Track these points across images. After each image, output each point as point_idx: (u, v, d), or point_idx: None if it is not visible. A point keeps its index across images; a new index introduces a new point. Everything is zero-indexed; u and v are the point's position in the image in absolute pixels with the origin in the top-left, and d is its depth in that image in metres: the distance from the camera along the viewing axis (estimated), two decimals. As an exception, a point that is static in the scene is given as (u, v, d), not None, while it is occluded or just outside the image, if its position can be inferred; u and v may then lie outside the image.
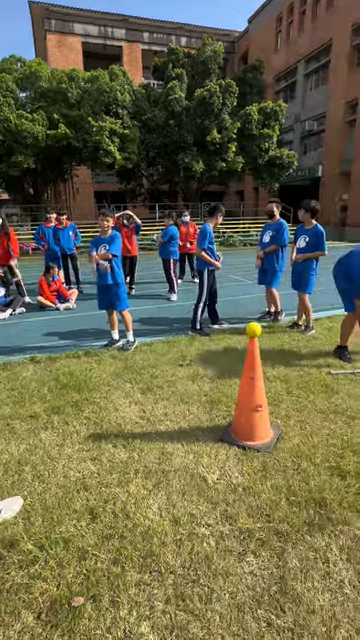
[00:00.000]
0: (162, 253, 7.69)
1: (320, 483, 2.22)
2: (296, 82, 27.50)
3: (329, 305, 6.47)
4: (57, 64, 26.04)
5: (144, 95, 20.58)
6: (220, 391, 3.42)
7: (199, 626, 1.47)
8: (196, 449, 2.58)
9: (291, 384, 3.52)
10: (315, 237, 4.87)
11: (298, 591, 1.60)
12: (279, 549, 1.80)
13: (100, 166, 19.36)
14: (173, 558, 1.76)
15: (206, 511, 2.04)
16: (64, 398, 3.33)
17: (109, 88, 17.96)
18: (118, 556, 1.77)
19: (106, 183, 29.69)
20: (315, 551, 1.79)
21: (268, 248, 5.43)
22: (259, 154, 20.51)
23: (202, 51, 21.09)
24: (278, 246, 5.40)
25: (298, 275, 5.13)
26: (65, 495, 2.17)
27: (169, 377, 3.74)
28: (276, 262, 5.49)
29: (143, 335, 5.15)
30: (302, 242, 5.00)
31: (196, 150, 19.60)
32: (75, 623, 1.48)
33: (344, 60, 22.61)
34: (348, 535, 1.87)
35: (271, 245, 5.42)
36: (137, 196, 26.23)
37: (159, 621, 1.49)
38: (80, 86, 18.31)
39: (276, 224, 5.47)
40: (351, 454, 2.48)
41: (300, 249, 5.04)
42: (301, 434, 2.74)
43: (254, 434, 2.63)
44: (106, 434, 2.79)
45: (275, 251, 5.43)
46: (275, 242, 5.39)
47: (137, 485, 2.25)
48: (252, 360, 2.62)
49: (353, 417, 2.95)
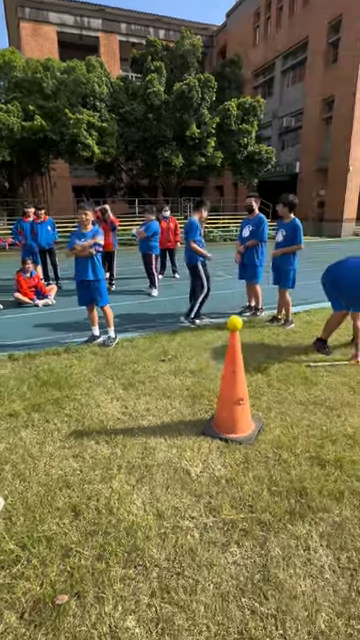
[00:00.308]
0: (143, 248, 7.61)
1: (300, 473, 2.27)
2: (274, 78, 27.69)
3: (307, 299, 6.59)
4: (32, 53, 25.29)
5: (122, 88, 20.27)
6: (202, 385, 3.44)
7: (184, 617, 1.48)
8: (179, 443, 2.59)
9: (272, 377, 3.58)
10: (292, 231, 4.93)
11: (280, 578, 1.63)
12: (262, 538, 1.84)
13: (78, 160, 18.99)
14: (158, 552, 1.77)
15: (190, 504, 2.05)
16: (44, 395, 3.28)
17: (86, 79, 17.59)
18: (102, 552, 1.76)
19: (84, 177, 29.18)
20: (296, 539, 1.83)
21: (248, 242, 5.47)
22: (238, 149, 20.59)
23: (181, 44, 20.94)
24: (258, 241, 5.45)
25: (277, 270, 5.19)
26: (47, 493, 2.14)
27: (151, 372, 3.74)
28: (256, 257, 5.54)
29: (124, 331, 5.11)
30: (280, 236, 5.07)
31: (175, 145, 19.51)
32: (59, 621, 1.47)
33: (320, 57, 22.91)
34: (328, 522, 1.92)
35: (251, 240, 5.46)
36: (116, 191, 25.92)
37: (144, 615, 1.50)
38: (56, 76, 17.85)
39: (255, 219, 5.51)
40: (330, 444, 2.55)
41: (278, 243, 5.10)
42: (282, 425, 2.79)
43: (236, 427, 2.66)
44: (88, 431, 2.76)
45: (255, 246, 5.48)
46: (255, 237, 5.44)
47: (120, 481, 2.24)
48: (233, 353, 2.64)
49: (332, 408, 3.02)
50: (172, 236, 9.15)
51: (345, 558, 1.73)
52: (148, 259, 7.52)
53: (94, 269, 4.44)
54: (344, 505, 2.02)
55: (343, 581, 1.62)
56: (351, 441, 2.57)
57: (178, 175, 21.91)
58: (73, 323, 5.65)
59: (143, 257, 7.66)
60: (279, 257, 5.07)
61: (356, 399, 3.15)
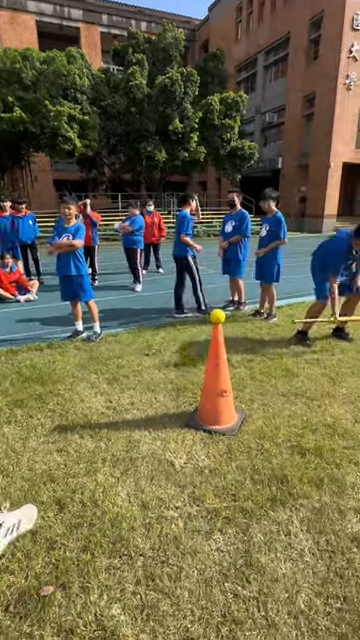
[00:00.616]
0: (126, 243, 7.52)
1: (282, 461, 2.33)
2: (256, 73, 27.78)
3: (291, 293, 6.70)
4: (10, 43, 24.63)
5: (104, 80, 19.98)
6: (186, 378, 3.47)
7: (169, 603, 1.51)
8: (163, 435, 2.62)
9: (254, 369, 3.64)
10: (276, 225, 5.00)
11: (262, 562, 1.68)
12: (244, 525, 1.88)
13: (59, 153, 18.66)
14: (142, 541, 1.79)
15: (174, 494, 2.08)
16: (27, 391, 3.25)
17: (67, 71, 17.24)
18: (87, 543, 1.78)
19: (66, 171, 28.72)
20: (278, 524, 1.88)
21: (231, 238, 5.51)
22: (221, 144, 20.61)
23: (163, 37, 20.76)
24: (241, 236, 5.50)
25: (261, 266, 5.25)
26: (31, 488, 2.14)
27: (135, 367, 3.74)
28: (239, 252, 5.59)
29: (108, 326, 5.10)
30: (263, 231, 5.13)
31: (158, 139, 19.37)
32: (45, 612, 1.47)
33: (301, 53, 23.08)
34: (308, 508, 1.98)
35: (234, 235, 5.50)
36: (99, 185, 25.62)
37: (130, 602, 1.52)
38: (35, 67, 17.44)
39: (238, 214, 5.55)
40: (310, 433, 2.62)
41: (262, 238, 5.16)
42: (264, 416, 2.85)
43: (219, 418, 2.70)
44: (72, 425, 2.76)
45: (238, 241, 5.53)
46: (238, 232, 5.48)
47: (105, 474, 2.25)
48: (217, 346, 2.67)
49: (312, 398, 3.10)
50: (156, 231, 9.12)
51: (324, 541, 1.79)
52: (132, 254, 7.47)
53: (76, 264, 4.40)
54: (323, 491, 2.09)
55: (322, 563, 1.68)
56: (331, 430, 2.65)
57: (161, 170, 21.81)
58: (56, 319, 5.59)
59: (127, 252, 7.58)
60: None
61: (336, 390, 3.23)
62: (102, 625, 1.43)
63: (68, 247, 4.31)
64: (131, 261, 7.55)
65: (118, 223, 7.60)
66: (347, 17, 19.78)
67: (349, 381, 3.39)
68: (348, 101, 21.19)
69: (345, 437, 2.57)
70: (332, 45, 20.68)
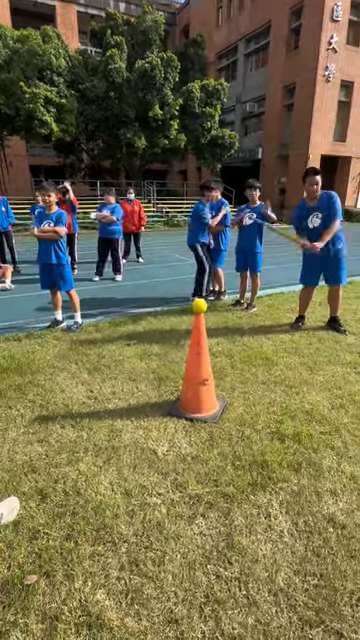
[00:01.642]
0: (104, 232, 7.28)
1: (262, 447, 2.39)
2: (237, 61, 27.53)
3: (270, 284, 6.78)
4: (-19, 19, 23.43)
5: (81, 62, 19.33)
6: (168, 368, 3.48)
7: (153, 587, 1.54)
8: (145, 424, 2.63)
9: (235, 358, 3.69)
10: (261, 214, 5.11)
11: (243, 544, 1.73)
12: (226, 509, 1.93)
13: (35, 137, 18.04)
14: (126, 528, 1.81)
15: (157, 481, 2.11)
16: (5, 382, 3.19)
17: (42, 51, 16.58)
18: (71, 532, 1.78)
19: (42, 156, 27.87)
20: (258, 508, 1.94)
21: (217, 227, 5.51)
22: (201, 133, 20.42)
23: (142, 19, 20.22)
24: (223, 226, 5.52)
25: (245, 255, 5.27)
26: (12, 479, 2.11)
27: (116, 356, 3.73)
28: (221, 242, 5.61)
29: (89, 316, 5.04)
30: (247, 220, 5.17)
31: (138, 125, 19.01)
32: (29, 600, 1.48)
33: (282, 43, 23.00)
34: (287, 491, 2.05)
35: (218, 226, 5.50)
36: (77, 172, 25.00)
37: (114, 587, 1.54)
38: (9, 45, 16.67)
39: (218, 204, 5.55)
40: (289, 419, 2.69)
41: (249, 227, 5.18)
42: (244, 404, 2.90)
43: (201, 407, 2.73)
44: (53, 416, 2.73)
45: (220, 231, 5.55)
46: (221, 222, 5.49)
47: (87, 463, 2.25)
48: (198, 336, 2.69)
49: (291, 386, 3.17)
50: (136, 220, 8.99)
51: (302, 522, 1.86)
52: (112, 244, 7.33)
53: (57, 253, 4.31)
54: (301, 475, 2.16)
55: (300, 543, 1.75)
56: (308, 416, 2.73)
57: (141, 157, 21.47)
58: (34, 308, 5.48)
59: (104, 241, 7.36)
60: (248, 242, 5.19)
61: (313, 378, 3.32)
62: (87, 610, 1.45)
63: (51, 234, 4.21)
64: (113, 251, 7.39)
65: (95, 213, 7.38)
66: (327, 7, 19.79)
67: (326, 369, 3.48)
68: (327, 93, 21.35)
69: (322, 423, 2.65)
70: (312, 36, 20.68)
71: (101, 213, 7.15)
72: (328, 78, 21.00)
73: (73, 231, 7.70)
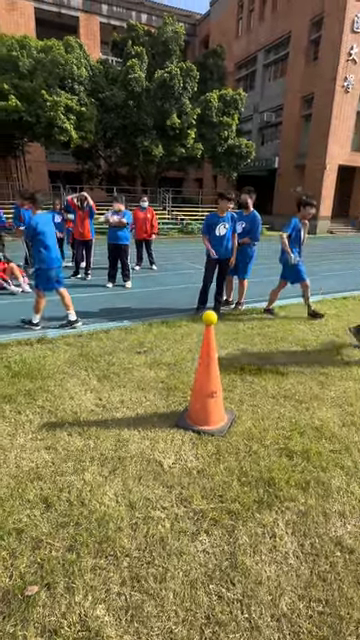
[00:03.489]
0: (113, 239, 7.23)
1: (269, 464, 2.35)
2: (256, 71, 27.70)
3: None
4: (7, 29, 24.12)
5: (102, 72, 19.74)
6: (177, 378, 3.47)
7: (153, 604, 1.52)
8: (152, 435, 2.62)
9: (245, 370, 3.65)
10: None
11: (247, 565, 1.70)
12: (230, 527, 1.90)
13: (55, 144, 18.43)
14: (129, 542, 1.79)
15: (161, 495, 2.09)
16: (16, 387, 3.22)
17: (64, 60, 16.99)
18: (73, 543, 1.77)
19: (61, 162, 28.37)
20: (263, 527, 1.90)
21: (242, 240, 5.52)
22: (218, 142, 20.55)
23: (163, 30, 20.54)
24: (251, 239, 5.60)
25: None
26: (18, 485, 2.12)
27: (126, 364, 3.73)
28: (247, 254, 5.66)
29: (100, 322, 5.07)
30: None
31: (155, 134, 19.24)
32: (29, 612, 1.47)
33: (301, 54, 23.07)
34: (293, 511, 2.01)
35: (245, 237, 5.55)
36: (94, 177, 25.38)
37: (114, 603, 1.52)
38: (32, 55, 17.14)
39: (250, 216, 5.57)
40: (298, 435, 2.64)
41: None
42: (253, 418, 2.87)
43: (209, 419, 2.71)
44: (61, 422, 2.74)
45: (247, 244, 5.57)
46: (249, 234, 5.57)
47: (93, 472, 2.25)
48: (208, 347, 2.68)
49: (301, 401, 3.13)
50: (148, 227, 9.04)
51: (308, 544, 1.81)
52: (124, 249, 7.36)
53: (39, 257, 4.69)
54: (309, 494, 2.11)
55: (306, 566, 1.71)
56: (318, 433, 2.68)
57: (158, 165, 21.68)
58: (46, 313, 5.54)
59: (113, 247, 7.31)
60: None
61: (324, 393, 3.27)
62: (86, 626, 1.43)
63: None
64: (122, 258, 7.40)
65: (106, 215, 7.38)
66: (348, 19, 19.81)
67: (338, 385, 3.42)
68: (345, 104, 21.29)
69: (332, 440, 2.60)
70: (332, 46, 20.70)
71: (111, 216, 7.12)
72: (347, 89, 20.94)
73: (91, 237, 7.81)
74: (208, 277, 5.46)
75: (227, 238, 5.24)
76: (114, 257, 7.40)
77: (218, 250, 5.25)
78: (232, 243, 5.30)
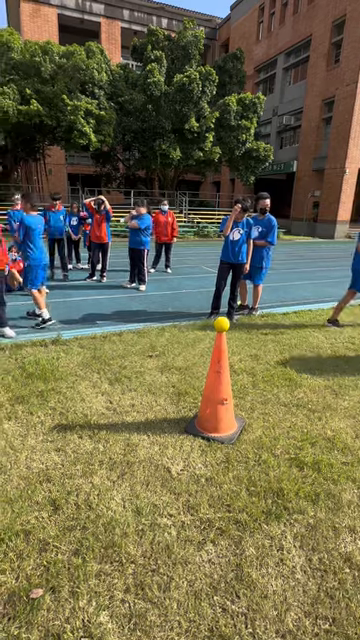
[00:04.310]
0: (133, 243, 7.34)
1: (279, 474, 2.31)
2: (275, 75, 27.56)
3: (298, 300, 6.65)
4: (31, 35, 24.78)
5: (122, 76, 19.99)
6: (188, 383, 3.46)
7: (157, 613, 1.51)
8: (161, 440, 2.62)
9: (257, 377, 3.62)
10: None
11: (253, 577, 1.67)
12: (237, 538, 1.87)
13: (74, 147, 18.72)
14: (134, 548, 1.79)
15: (169, 501, 2.08)
16: (29, 388, 3.27)
17: (85, 65, 17.28)
18: (79, 547, 1.78)
19: (80, 165, 28.84)
20: (271, 539, 1.87)
21: (258, 242, 5.53)
22: (236, 145, 20.51)
23: (183, 35, 20.66)
24: (269, 243, 5.58)
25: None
26: (27, 486, 2.15)
27: (138, 368, 3.75)
28: (265, 259, 5.64)
29: (113, 325, 5.11)
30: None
31: (174, 137, 19.34)
32: (33, 615, 1.48)
33: (322, 57, 22.85)
34: (302, 523, 1.97)
35: (262, 240, 5.54)
36: (112, 180, 25.67)
37: (118, 610, 1.52)
38: (55, 61, 17.49)
39: (265, 221, 5.56)
40: (309, 446, 2.60)
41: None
42: (264, 426, 2.83)
43: (219, 426, 2.69)
44: (72, 425, 2.77)
45: (264, 246, 5.55)
46: (266, 238, 5.55)
47: (101, 476, 2.26)
48: (219, 354, 2.66)
49: (314, 410, 3.07)
50: (169, 230, 9.13)
51: (317, 559, 1.77)
52: (139, 254, 7.41)
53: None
54: (319, 507, 2.07)
55: (313, 582, 1.67)
56: (330, 444, 2.63)
57: (175, 168, 21.78)
58: (62, 315, 5.61)
59: (132, 252, 7.42)
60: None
61: (338, 403, 3.20)
62: (89, 632, 1.44)
63: None
64: (138, 261, 7.46)
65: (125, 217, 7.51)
66: (370, 21, 19.52)
67: (352, 394, 3.35)
68: (367, 107, 20.95)
69: (344, 452, 2.55)
70: (354, 49, 20.44)
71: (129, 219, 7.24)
72: (369, 92, 20.60)
73: (107, 240, 7.89)
74: (221, 282, 5.44)
75: (241, 243, 5.21)
76: (132, 260, 7.49)
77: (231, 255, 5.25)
78: (247, 248, 5.26)
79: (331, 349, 4.45)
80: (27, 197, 4.98)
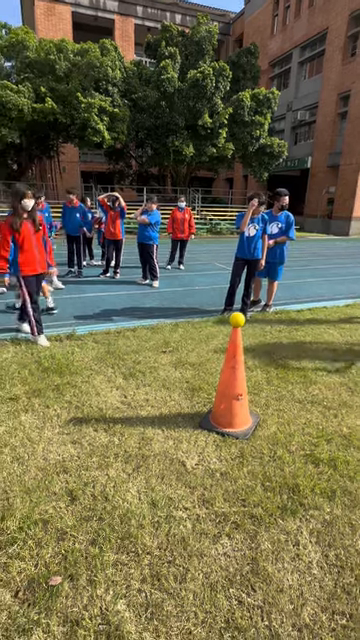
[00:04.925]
0: (141, 238, 7.36)
1: (294, 470, 2.30)
2: (290, 69, 27.18)
3: (312, 297, 6.58)
4: (45, 33, 24.92)
5: (135, 73, 19.97)
6: (201, 378, 3.46)
7: (173, 604, 1.53)
8: (176, 435, 2.63)
9: (271, 374, 3.60)
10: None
11: (269, 571, 1.67)
12: (252, 532, 1.87)
13: (88, 144, 18.81)
14: (150, 539, 1.81)
15: (184, 495, 2.09)
16: (45, 381, 3.32)
17: (99, 63, 17.31)
18: (96, 537, 1.81)
19: (93, 163, 28.96)
20: (286, 534, 1.87)
21: (279, 238, 5.49)
22: (250, 141, 20.31)
23: (196, 30, 20.51)
24: (288, 239, 5.55)
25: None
26: (45, 477, 2.19)
27: (152, 363, 3.76)
28: (283, 255, 5.65)
29: (127, 321, 5.14)
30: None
31: (187, 133, 19.26)
32: (52, 601, 1.51)
33: (339, 50, 22.42)
34: (318, 520, 1.96)
35: (282, 236, 5.51)
36: (125, 177, 25.73)
37: (135, 599, 1.54)
38: (69, 58, 17.57)
39: (282, 216, 5.53)
40: (325, 443, 2.58)
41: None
42: (278, 422, 2.82)
43: (233, 421, 2.69)
44: (87, 418, 2.80)
45: (284, 242, 5.53)
46: (286, 234, 5.52)
47: (117, 469, 2.28)
48: (234, 349, 2.65)
49: (329, 407, 3.04)
50: (186, 227, 9.17)
51: (333, 555, 1.76)
52: (149, 249, 7.41)
53: None
54: (335, 504, 2.05)
55: (329, 577, 1.66)
56: (346, 441, 2.60)
57: (188, 165, 21.69)
58: (77, 310, 5.67)
59: (141, 247, 7.44)
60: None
61: (353, 400, 3.17)
62: (107, 619, 1.46)
63: None
64: (148, 257, 7.47)
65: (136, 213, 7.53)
66: (389, 13, 19.07)
67: (368, 392, 3.31)
68: (384, 101, 20.50)
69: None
70: (371, 42, 19.99)
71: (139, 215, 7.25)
72: (386, 85, 20.16)
73: (121, 237, 7.92)
74: (235, 279, 5.41)
75: (257, 239, 5.17)
76: (141, 255, 7.51)
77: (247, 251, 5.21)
78: (262, 244, 5.22)
79: (346, 346, 4.39)
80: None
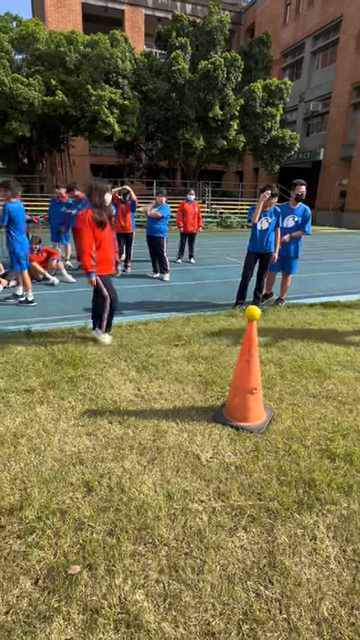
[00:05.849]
0: (150, 231, 7.38)
1: (310, 464, 2.29)
2: (303, 59, 26.68)
3: (325, 292, 6.51)
4: (55, 25, 24.82)
5: (146, 64, 19.79)
6: (214, 372, 3.45)
7: (191, 595, 1.54)
8: (190, 428, 2.63)
9: (285, 368, 3.57)
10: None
11: (286, 565, 1.67)
12: (269, 525, 1.87)
13: (98, 137, 18.77)
14: (167, 531, 1.82)
15: (199, 488, 2.10)
16: (59, 374, 3.34)
17: (110, 54, 17.19)
18: (113, 528, 1.82)
19: (103, 156, 28.93)
20: (303, 528, 1.86)
21: (295, 233, 5.41)
22: (261, 133, 20.04)
23: (208, 20, 20.21)
24: (303, 233, 5.48)
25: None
26: (61, 468, 2.21)
27: (164, 357, 3.76)
28: (299, 249, 5.59)
29: (139, 315, 5.14)
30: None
31: (197, 126, 19.07)
32: (72, 590, 1.53)
33: (353, 38, 21.93)
34: (335, 514, 1.95)
35: (298, 231, 5.44)
36: (135, 171, 25.65)
37: (153, 590, 1.55)
38: (79, 50, 17.48)
39: (299, 209, 5.43)
40: (341, 438, 2.55)
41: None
42: (293, 417, 2.80)
43: (248, 415, 2.68)
44: (101, 410, 2.82)
45: (300, 236, 5.47)
46: (301, 229, 5.45)
47: (132, 461, 2.29)
48: (249, 343, 2.64)
49: (344, 402, 3.01)
50: (195, 220, 9.13)
51: (351, 550, 1.75)
52: (159, 242, 7.39)
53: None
54: (352, 499, 2.04)
55: (348, 572, 1.65)
56: (362, 437, 2.57)
57: (198, 157, 21.53)
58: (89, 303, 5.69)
59: (150, 240, 7.46)
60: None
61: (369, 395, 3.13)
62: (126, 609, 1.47)
63: None
64: (158, 250, 7.46)
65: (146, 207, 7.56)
66: None
67: (384, 387, 3.26)
68: None
69: (377, 445, 2.49)
70: (387, 29, 19.50)
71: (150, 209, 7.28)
72: None
73: (132, 230, 7.92)
74: (247, 272, 5.37)
75: (270, 232, 5.11)
76: (150, 248, 7.51)
77: (259, 244, 5.16)
78: (275, 238, 5.16)
79: None
80: (6, 185, 5.06)
